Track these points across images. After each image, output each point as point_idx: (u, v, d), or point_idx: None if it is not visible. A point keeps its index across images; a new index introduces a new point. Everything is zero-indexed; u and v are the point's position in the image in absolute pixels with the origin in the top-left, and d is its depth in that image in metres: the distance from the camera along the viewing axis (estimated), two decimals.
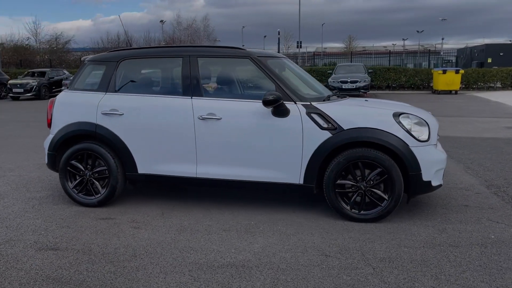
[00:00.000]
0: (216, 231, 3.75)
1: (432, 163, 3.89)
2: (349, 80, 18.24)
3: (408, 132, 3.83)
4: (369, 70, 20.78)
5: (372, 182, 3.89)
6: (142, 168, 4.36)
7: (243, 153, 4.11)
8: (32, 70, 24.03)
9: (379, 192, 3.89)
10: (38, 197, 4.84)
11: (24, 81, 22.08)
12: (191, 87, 4.23)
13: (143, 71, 4.61)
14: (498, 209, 4.26)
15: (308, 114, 3.96)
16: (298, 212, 4.21)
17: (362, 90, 18.23)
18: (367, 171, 3.90)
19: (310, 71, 23.96)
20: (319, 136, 3.92)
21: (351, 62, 26.44)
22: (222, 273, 2.98)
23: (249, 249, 3.37)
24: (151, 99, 4.32)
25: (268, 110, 3.98)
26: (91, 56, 4.84)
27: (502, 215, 4.08)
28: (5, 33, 65.09)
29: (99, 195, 4.44)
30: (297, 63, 36.45)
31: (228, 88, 4.51)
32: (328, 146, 3.90)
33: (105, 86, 4.47)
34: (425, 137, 3.93)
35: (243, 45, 51.71)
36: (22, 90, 21.75)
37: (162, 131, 4.25)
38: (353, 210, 3.95)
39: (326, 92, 4.69)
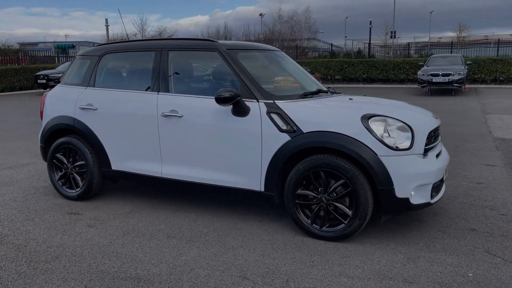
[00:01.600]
0: (159, 237, 3.51)
1: (410, 176, 3.20)
2: (440, 73, 16.53)
3: (378, 138, 3.19)
4: (468, 62, 18.65)
5: (335, 195, 3.33)
6: (115, 164, 4.27)
7: (203, 154, 3.80)
8: None
9: (342, 207, 3.32)
10: (39, 186, 5.03)
11: None
12: (159, 82, 4.02)
13: (121, 65, 4.51)
14: None
15: (268, 113, 3.51)
16: (265, 222, 3.79)
17: (455, 84, 16.40)
18: (331, 182, 3.35)
19: (402, 63, 22.40)
20: (278, 139, 3.46)
21: (451, 53, 24.08)
22: (117, 287, 2.74)
23: (171, 262, 3.07)
24: (122, 94, 4.20)
25: (228, 108, 3.62)
26: (82, 50, 4.86)
27: (508, 247, 3.24)
28: (117, 31, 72.79)
29: (79, 189, 4.46)
30: (388, 53, 34.18)
31: (195, 83, 4.20)
32: (287, 151, 3.42)
33: (87, 80, 4.45)
34: (405, 145, 3.25)
35: (346, 36, 49.61)
36: None
37: (130, 128, 4.11)
38: (314, 225, 3.43)
39: (313, 88, 4.16)
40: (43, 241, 3.48)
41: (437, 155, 3.58)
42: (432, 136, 3.52)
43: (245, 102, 3.58)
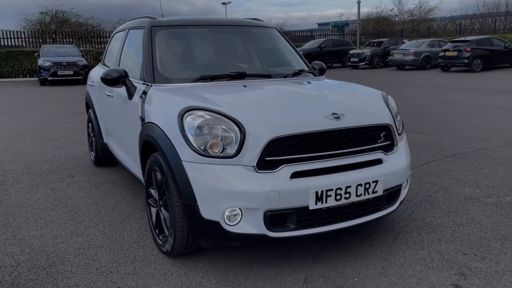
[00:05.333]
0: (62, 211, 3.57)
1: (221, 193, 2.32)
2: None
3: (187, 137, 2.42)
4: None
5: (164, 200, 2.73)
6: (104, 137, 4.57)
7: (121, 137, 3.71)
8: (374, 40, 25.10)
9: (168, 216, 2.70)
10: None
11: (360, 51, 23.56)
12: (117, 60, 4.07)
13: (118, 44, 4.65)
14: None
15: (139, 98, 3.12)
16: None
17: None
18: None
19: None
20: (138, 127, 3.06)
21: None
22: None
23: (18, 236, 3.14)
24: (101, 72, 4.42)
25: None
26: None
27: None
28: (371, 6, 73.71)
29: (94, 155, 4.99)
30: None
31: (135, 63, 3.92)
32: (138, 143, 3.01)
33: (103, 58, 4.85)
34: (229, 151, 2.37)
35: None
36: (357, 60, 23.34)
37: (100, 105, 4.34)
38: (156, 230, 2.90)
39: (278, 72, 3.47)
40: None
41: (311, 172, 2.41)
42: (298, 144, 2.40)
43: (136, 85, 3.28)
